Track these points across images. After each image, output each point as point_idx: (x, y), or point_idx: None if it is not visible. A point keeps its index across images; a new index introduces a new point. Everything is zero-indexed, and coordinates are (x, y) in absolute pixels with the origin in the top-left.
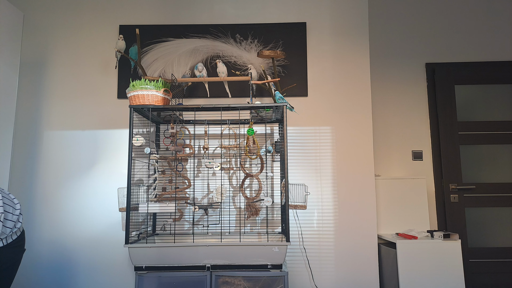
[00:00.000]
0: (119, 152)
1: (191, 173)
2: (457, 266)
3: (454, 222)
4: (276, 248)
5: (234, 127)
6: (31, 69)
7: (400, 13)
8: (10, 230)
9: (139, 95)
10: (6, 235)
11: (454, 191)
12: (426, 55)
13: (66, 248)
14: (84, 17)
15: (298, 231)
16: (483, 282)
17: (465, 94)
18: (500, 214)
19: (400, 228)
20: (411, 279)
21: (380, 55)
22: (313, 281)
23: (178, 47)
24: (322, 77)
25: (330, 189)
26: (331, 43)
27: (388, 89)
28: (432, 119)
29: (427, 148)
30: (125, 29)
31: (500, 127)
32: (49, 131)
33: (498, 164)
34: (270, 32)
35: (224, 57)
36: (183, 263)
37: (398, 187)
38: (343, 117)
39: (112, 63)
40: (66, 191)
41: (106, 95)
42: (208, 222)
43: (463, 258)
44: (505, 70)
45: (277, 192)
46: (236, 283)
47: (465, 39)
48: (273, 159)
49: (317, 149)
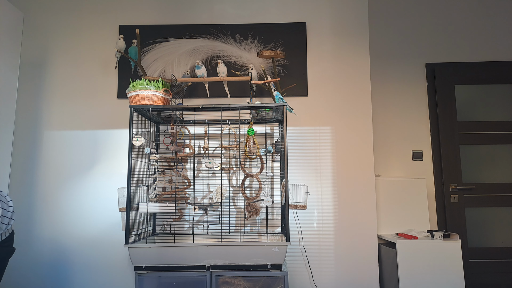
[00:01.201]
0: (119, 152)
1: (191, 173)
2: (457, 266)
3: (454, 222)
4: (276, 248)
5: (234, 127)
6: (31, 69)
7: (400, 13)
8: (5, 227)
9: (139, 95)
10: (2, 231)
11: (454, 191)
12: (426, 55)
13: (66, 248)
14: (84, 17)
15: (298, 231)
16: (483, 282)
17: (465, 94)
18: (500, 214)
19: (400, 228)
20: (411, 279)
21: (380, 55)
22: (313, 281)
23: (178, 47)
24: (322, 77)
25: (330, 189)
26: (331, 43)
27: (388, 89)
28: (432, 119)
29: (427, 148)
30: (125, 29)
31: (500, 127)
32: (49, 131)
33: (498, 164)
34: (270, 32)
35: (224, 57)
36: (183, 263)
37: (398, 187)
38: (343, 117)
39: (112, 63)
40: (66, 191)
41: (106, 95)
42: (208, 222)
43: (463, 258)
44: (505, 70)
45: (277, 192)
46: (236, 283)
47: (465, 39)
48: (273, 159)
49: (317, 149)
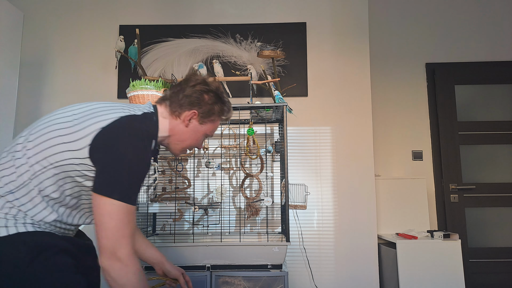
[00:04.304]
0: None
1: (191, 173)
2: (457, 266)
3: (454, 222)
4: (276, 248)
5: (234, 127)
6: (31, 69)
7: (400, 13)
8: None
9: (139, 95)
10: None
11: (454, 191)
12: (426, 55)
13: None
14: (84, 17)
15: (298, 231)
16: (483, 282)
17: (465, 94)
18: (500, 214)
19: (400, 228)
20: (411, 279)
21: (380, 55)
22: (313, 281)
23: (178, 47)
24: (322, 77)
25: (330, 189)
26: (331, 43)
27: (388, 89)
28: (432, 119)
29: (427, 148)
30: (125, 29)
31: (500, 127)
32: None
33: (498, 164)
34: (270, 32)
35: (224, 57)
36: (183, 263)
37: (398, 187)
38: (343, 117)
39: (112, 63)
40: None
41: (106, 95)
42: (208, 222)
43: (463, 258)
44: (505, 70)
45: (277, 192)
46: (236, 283)
47: (465, 39)
48: (273, 159)
49: (317, 149)
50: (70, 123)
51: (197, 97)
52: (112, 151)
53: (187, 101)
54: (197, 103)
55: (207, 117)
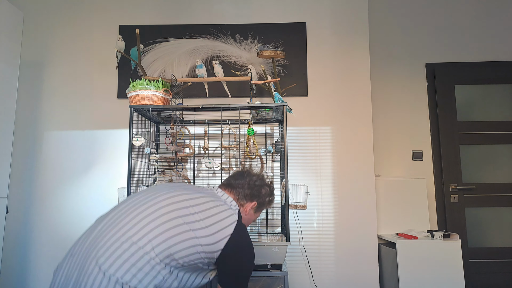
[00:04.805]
0: (119, 152)
1: (191, 173)
2: (457, 266)
3: (454, 222)
4: (276, 248)
5: (234, 127)
6: (31, 69)
7: (400, 13)
8: None
9: (139, 95)
10: None
11: (454, 191)
12: (426, 55)
13: (65, 249)
14: (84, 17)
15: (298, 231)
16: (483, 282)
17: (465, 94)
18: (500, 214)
19: (400, 228)
20: (411, 279)
21: (380, 55)
22: (313, 281)
23: (178, 47)
24: (322, 77)
25: (330, 189)
26: (331, 43)
27: (388, 89)
28: (432, 119)
29: (427, 148)
30: (125, 29)
31: (500, 127)
32: (49, 131)
33: (498, 164)
34: (270, 32)
35: (224, 57)
36: None
37: (398, 187)
38: (343, 117)
39: (112, 63)
40: (66, 191)
41: (106, 95)
42: None
43: (463, 258)
44: (505, 70)
45: (277, 192)
46: None
47: (465, 39)
48: (273, 159)
49: (317, 149)
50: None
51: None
52: (240, 260)
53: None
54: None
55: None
